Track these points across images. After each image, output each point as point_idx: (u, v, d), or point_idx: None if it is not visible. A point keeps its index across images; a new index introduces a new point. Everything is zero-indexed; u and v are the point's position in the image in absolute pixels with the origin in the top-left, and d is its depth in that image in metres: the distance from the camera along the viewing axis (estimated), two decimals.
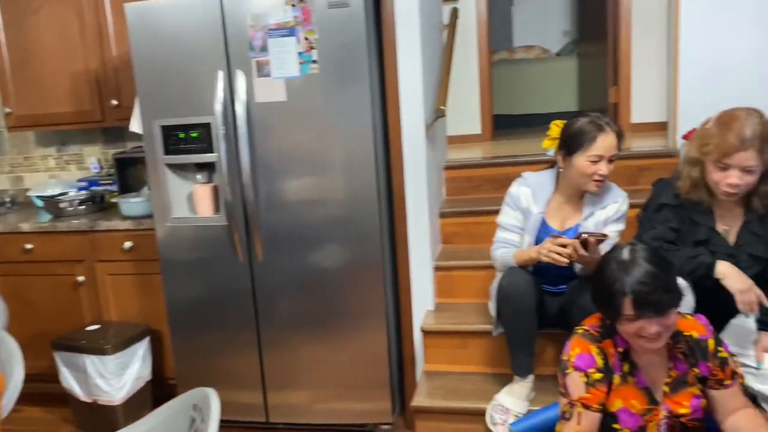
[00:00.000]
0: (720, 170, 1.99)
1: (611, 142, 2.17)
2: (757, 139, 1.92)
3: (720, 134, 1.97)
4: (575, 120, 2.24)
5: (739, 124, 1.95)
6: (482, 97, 4.31)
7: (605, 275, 1.62)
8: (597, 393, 1.66)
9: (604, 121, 2.19)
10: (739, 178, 1.96)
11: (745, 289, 1.97)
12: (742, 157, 1.94)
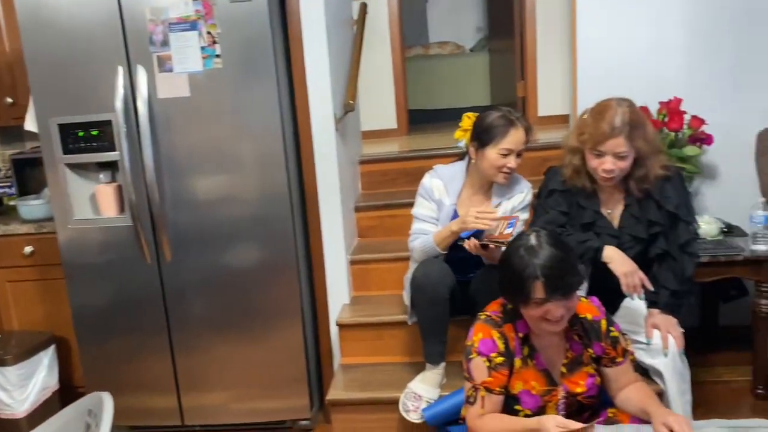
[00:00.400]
0: (596, 157, 2.11)
1: (521, 137, 2.25)
2: (627, 127, 2.05)
3: (594, 123, 2.09)
4: (488, 114, 2.30)
5: (611, 113, 2.07)
6: (397, 93, 4.35)
7: (514, 261, 1.67)
8: (499, 376, 1.72)
9: (515, 117, 2.27)
10: (612, 163, 2.08)
11: (629, 273, 2.10)
12: (614, 143, 2.06)
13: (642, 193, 2.17)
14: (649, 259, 2.20)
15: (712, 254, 2.62)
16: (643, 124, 2.12)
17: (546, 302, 1.62)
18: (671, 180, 2.16)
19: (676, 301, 2.20)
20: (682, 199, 2.17)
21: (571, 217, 2.25)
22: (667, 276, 2.18)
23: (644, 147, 2.09)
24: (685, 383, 2.19)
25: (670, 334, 2.15)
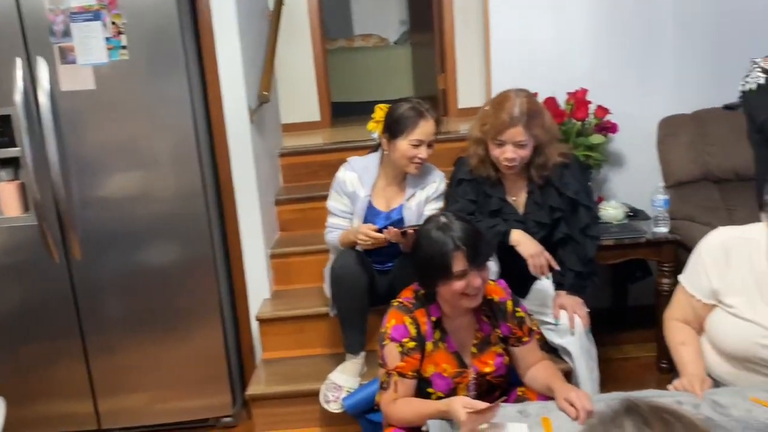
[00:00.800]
0: (497, 146, 2.19)
1: (431, 128, 2.30)
2: (525, 116, 2.14)
3: (494, 114, 2.18)
4: (398, 105, 2.34)
5: (509, 104, 2.16)
6: (319, 85, 4.34)
7: (431, 240, 1.71)
8: (411, 361, 1.76)
9: (425, 108, 2.31)
10: (513, 152, 2.17)
11: (536, 254, 2.18)
12: (513, 132, 2.15)
13: (543, 180, 2.26)
14: (554, 243, 2.30)
15: (617, 237, 2.76)
16: (541, 113, 2.21)
17: (467, 273, 1.67)
18: (569, 167, 2.26)
19: (581, 282, 2.30)
20: (581, 185, 2.27)
21: (479, 205, 2.32)
22: (570, 258, 2.28)
23: (542, 135, 2.18)
24: (592, 361, 2.30)
25: (576, 314, 2.25)
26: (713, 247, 1.81)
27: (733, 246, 1.78)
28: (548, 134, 2.22)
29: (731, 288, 1.76)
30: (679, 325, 1.89)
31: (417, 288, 1.84)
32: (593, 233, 2.31)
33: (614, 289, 3.38)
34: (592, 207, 2.31)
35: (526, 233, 2.25)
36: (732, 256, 1.77)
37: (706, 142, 3.04)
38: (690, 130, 3.08)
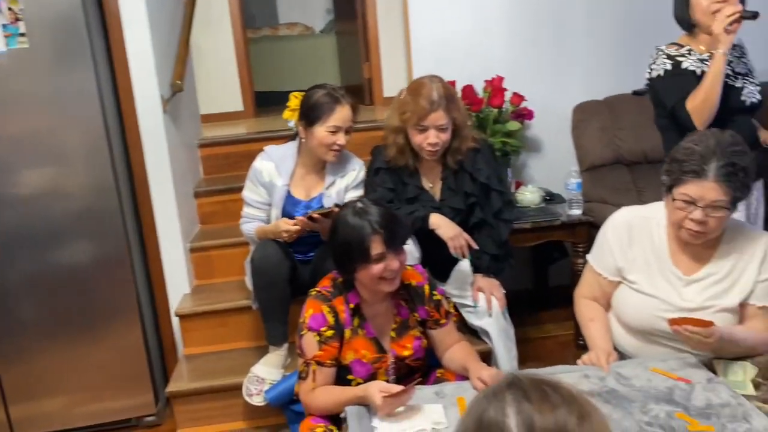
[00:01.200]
0: (420, 132, 2.21)
1: (347, 114, 2.29)
2: (444, 100, 2.18)
3: (413, 101, 2.20)
4: (313, 92, 2.32)
5: (427, 89, 2.19)
6: (241, 74, 4.25)
7: (348, 226, 1.72)
8: (329, 349, 1.76)
9: (340, 94, 2.30)
10: (436, 136, 2.20)
11: (455, 236, 2.23)
12: (435, 117, 2.18)
13: (458, 165, 2.30)
14: (470, 228, 2.35)
15: (534, 220, 2.85)
16: (455, 96, 2.27)
17: (385, 257, 1.69)
18: (481, 152, 2.31)
19: (497, 265, 2.36)
20: (493, 170, 2.33)
21: (397, 193, 2.33)
22: (486, 242, 2.34)
23: (459, 118, 2.23)
24: (510, 340, 2.37)
25: (493, 296, 2.31)
26: (617, 227, 1.89)
27: (634, 225, 1.87)
28: (463, 117, 2.27)
29: (634, 265, 1.85)
30: (588, 302, 1.97)
31: (335, 276, 1.84)
32: (506, 217, 2.37)
33: (535, 271, 3.49)
34: (505, 191, 2.36)
35: (444, 217, 2.28)
36: (634, 234, 1.86)
37: (617, 126, 3.17)
38: (602, 115, 3.20)
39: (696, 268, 1.80)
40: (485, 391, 0.81)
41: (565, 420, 0.74)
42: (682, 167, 1.66)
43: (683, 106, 2.17)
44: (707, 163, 1.63)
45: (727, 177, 1.62)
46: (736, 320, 1.78)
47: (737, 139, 1.68)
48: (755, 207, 2.39)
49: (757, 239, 1.77)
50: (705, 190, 1.64)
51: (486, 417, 0.77)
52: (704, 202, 1.65)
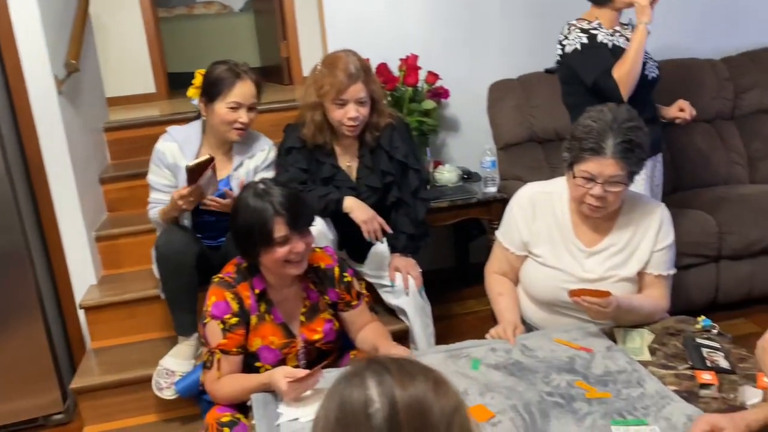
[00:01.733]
0: (339, 107, 2.16)
1: (249, 91, 2.20)
2: (361, 72, 2.14)
3: (331, 74, 2.14)
4: (214, 67, 2.23)
5: (343, 62, 2.14)
6: (152, 54, 4.07)
7: (249, 208, 1.65)
8: (234, 337, 1.71)
9: (242, 69, 2.22)
10: (356, 110, 2.16)
11: (368, 219, 2.20)
12: (354, 90, 2.13)
13: (374, 143, 2.27)
14: (387, 207, 2.33)
15: (451, 199, 2.86)
16: (371, 69, 2.23)
17: (289, 239, 1.65)
18: (397, 130, 2.29)
19: (413, 244, 2.36)
20: (409, 148, 2.31)
21: (311, 173, 2.29)
22: (403, 221, 2.33)
23: (377, 91, 2.21)
24: (427, 317, 2.38)
25: (410, 275, 2.31)
26: (521, 203, 1.92)
27: (538, 200, 1.90)
28: (380, 91, 2.25)
29: (539, 239, 1.88)
30: (497, 277, 2.00)
31: (239, 261, 1.79)
32: (423, 196, 2.36)
33: (456, 249, 3.52)
34: (421, 170, 2.36)
35: (358, 200, 2.26)
36: (537, 209, 1.89)
37: (530, 105, 3.22)
38: (516, 94, 3.24)
39: (597, 240, 1.85)
40: (343, 373, 0.81)
41: (424, 391, 0.77)
42: (582, 145, 1.70)
43: (609, 77, 2.21)
44: (605, 141, 1.67)
45: (623, 153, 1.66)
46: (636, 289, 1.85)
47: (633, 114, 1.73)
48: (657, 179, 2.48)
49: (653, 210, 1.83)
50: (603, 166, 1.68)
51: (348, 397, 0.77)
52: (603, 178, 1.69)
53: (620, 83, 2.20)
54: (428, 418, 0.76)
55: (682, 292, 2.81)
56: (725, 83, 3.35)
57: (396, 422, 0.75)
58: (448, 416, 0.77)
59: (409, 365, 0.80)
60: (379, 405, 0.75)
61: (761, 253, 2.82)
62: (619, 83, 2.20)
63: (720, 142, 3.31)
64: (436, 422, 0.76)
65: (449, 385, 0.81)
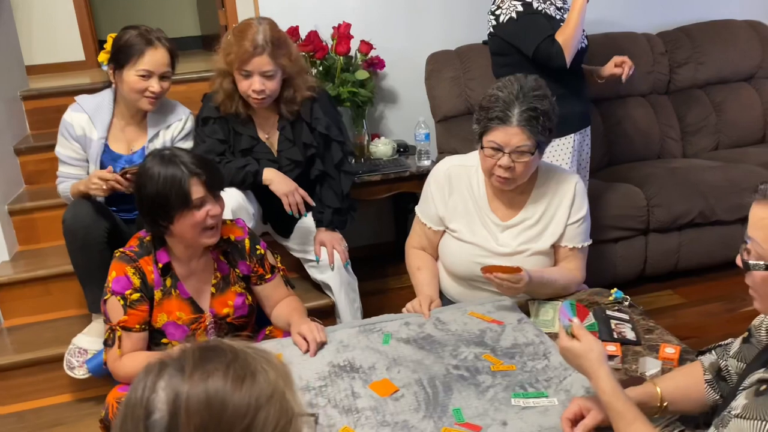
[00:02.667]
0: (244, 78, 2.08)
1: (161, 59, 2.10)
2: (270, 45, 2.04)
3: (237, 43, 2.05)
4: (124, 32, 2.12)
5: (252, 31, 2.05)
6: (80, 20, 3.87)
7: (161, 175, 1.58)
8: (136, 313, 1.64)
9: (155, 36, 2.11)
10: (261, 83, 2.07)
11: (289, 192, 2.15)
12: (258, 62, 2.04)
13: (293, 115, 2.20)
14: (311, 181, 2.28)
15: (384, 173, 2.82)
16: (286, 42, 2.13)
17: (206, 201, 1.60)
18: (319, 101, 2.22)
19: (339, 218, 2.32)
20: (332, 120, 2.25)
21: (230, 145, 2.21)
22: (327, 195, 2.28)
23: (289, 66, 2.11)
24: (353, 292, 2.35)
25: (335, 250, 2.27)
26: (438, 177, 1.89)
27: (454, 174, 1.87)
28: (296, 66, 2.14)
29: (455, 213, 1.86)
30: (416, 251, 1.97)
31: (143, 234, 1.72)
32: (348, 168, 2.31)
33: (396, 223, 3.50)
34: (345, 142, 2.30)
35: (279, 172, 2.19)
36: (454, 183, 1.86)
37: (467, 77, 3.18)
38: (454, 65, 3.19)
39: (511, 213, 1.83)
40: (149, 365, 0.75)
41: (216, 388, 0.71)
42: (488, 114, 1.67)
43: (552, 42, 2.19)
44: (510, 109, 1.64)
45: (528, 121, 1.64)
46: (551, 262, 1.84)
47: (540, 83, 1.70)
48: (586, 153, 2.48)
49: (566, 183, 1.82)
50: (509, 135, 1.65)
51: (132, 396, 0.72)
52: (510, 147, 1.67)
53: (564, 47, 2.19)
54: (218, 416, 0.70)
55: (611, 264, 2.85)
56: (660, 57, 3.37)
57: (175, 423, 0.69)
58: (249, 412, 0.70)
59: (215, 356, 0.73)
60: (160, 405, 0.70)
61: (687, 226, 2.87)
62: (563, 47, 2.19)
63: (654, 117, 3.34)
64: (229, 420, 0.70)
65: (262, 377, 0.73)
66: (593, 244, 2.73)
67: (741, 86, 3.49)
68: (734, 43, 3.44)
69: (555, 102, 1.71)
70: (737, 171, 2.96)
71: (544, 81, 1.72)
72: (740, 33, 3.48)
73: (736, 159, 3.16)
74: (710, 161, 3.18)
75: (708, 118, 3.39)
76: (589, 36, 3.32)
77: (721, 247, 2.93)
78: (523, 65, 2.25)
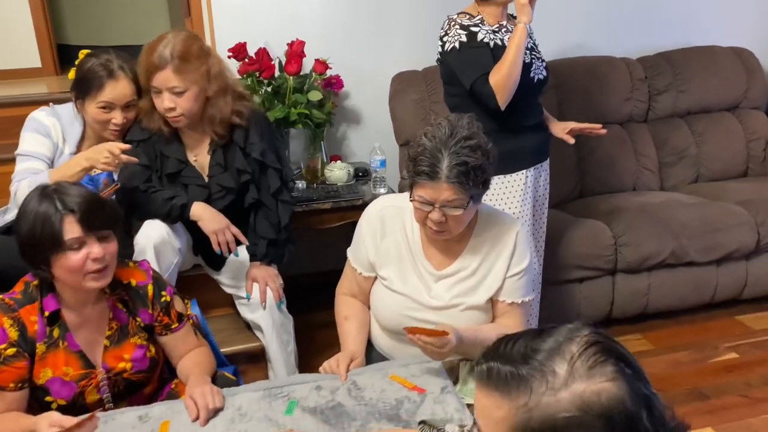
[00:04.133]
0: (155, 94, 1.93)
1: (123, 90, 1.97)
2: (176, 59, 1.88)
3: (146, 56, 1.91)
4: (87, 59, 1.99)
5: (161, 44, 1.90)
6: (37, 24, 3.70)
7: (34, 210, 1.42)
8: (11, 370, 1.46)
9: (118, 65, 1.97)
10: (170, 101, 1.91)
11: (219, 230, 1.98)
12: (162, 77, 1.89)
13: (224, 139, 2.03)
14: (245, 210, 2.11)
15: (335, 200, 2.64)
16: (200, 58, 1.94)
17: (84, 243, 1.43)
18: (255, 125, 2.05)
19: (275, 251, 2.14)
20: (269, 145, 2.07)
21: (156, 169, 2.04)
22: (262, 225, 2.11)
23: (206, 83, 1.94)
24: (287, 334, 2.17)
25: (269, 287, 2.09)
26: (371, 218, 1.72)
27: (388, 215, 1.70)
28: (216, 83, 1.96)
29: (386, 259, 1.68)
30: (346, 299, 1.80)
31: (30, 279, 1.54)
32: (286, 198, 2.14)
33: None
34: (283, 169, 2.12)
35: (208, 206, 2.02)
36: (387, 226, 1.69)
37: (432, 100, 3.00)
38: (420, 87, 3.02)
39: (447, 262, 1.66)
40: None
41: None
42: (415, 167, 1.50)
43: (485, 81, 2.01)
44: (438, 163, 1.47)
45: (458, 177, 1.47)
46: (488, 317, 1.67)
47: (473, 129, 1.53)
48: (543, 188, 2.30)
49: (508, 231, 1.64)
50: (438, 191, 1.48)
51: None
52: (440, 202, 1.49)
53: (496, 90, 2.00)
54: None
55: (575, 306, 2.68)
56: (639, 84, 3.20)
57: None
58: None
59: None
60: None
61: (658, 266, 2.69)
62: (495, 90, 2.00)
63: (631, 146, 3.17)
64: None
65: None
66: (555, 284, 2.62)
67: (724, 116, 3.32)
68: (718, 71, 3.27)
69: (491, 149, 1.54)
70: (713, 209, 2.79)
71: (479, 124, 1.55)
72: (724, 60, 3.31)
73: (715, 194, 2.99)
74: (687, 195, 3.01)
75: (688, 149, 3.22)
76: (565, 59, 3.20)
77: (694, 290, 2.77)
78: (470, 97, 2.09)
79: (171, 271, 2.01)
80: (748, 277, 2.81)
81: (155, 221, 1.98)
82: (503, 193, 2.12)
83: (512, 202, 2.15)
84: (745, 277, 2.81)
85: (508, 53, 2.00)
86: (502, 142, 2.07)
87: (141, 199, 1.99)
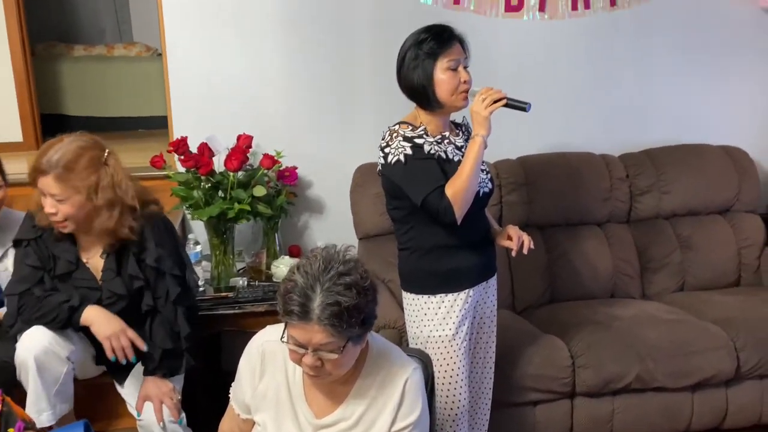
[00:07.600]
0: (42, 196, 1.87)
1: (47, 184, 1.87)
2: (61, 168, 1.81)
3: (38, 155, 1.86)
4: None
5: (54, 148, 1.85)
6: (20, 96, 3.75)
7: None
8: None
9: None
10: (52, 206, 1.85)
11: (114, 335, 1.87)
12: (44, 182, 1.84)
13: (114, 246, 1.94)
14: (142, 317, 1.98)
15: (271, 302, 2.50)
16: (90, 169, 1.86)
17: None
18: (152, 230, 1.95)
19: (172, 363, 1.99)
20: (166, 250, 1.97)
21: (49, 269, 1.95)
22: (158, 333, 1.97)
23: (93, 195, 1.86)
24: None
25: (164, 404, 1.94)
26: (251, 354, 1.55)
27: (268, 351, 1.53)
28: (104, 196, 1.87)
29: (263, 402, 1.51)
30: None
31: None
32: (187, 304, 2.01)
33: None
34: (182, 274, 2.01)
35: (103, 310, 1.91)
36: (267, 363, 1.53)
37: None
38: (379, 180, 2.90)
39: (330, 408, 1.48)
40: None
41: None
42: (285, 306, 1.35)
43: (440, 195, 1.85)
44: (309, 302, 1.32)
45: (330, 319, 1.31)
46: None
47: (351, 265, 1.37)
48: (491, 309, 2.10)
49: (396, 376, 1.46)
50: (310, 333, 1.32)
51: None
52: (313, 345, 1.33)
53: (454, 203, 1.84)
54: None
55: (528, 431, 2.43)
56: (619, 183, 3.01)
57: None
58: None
59: None
60: None
61: (623, 391, 2.44)
62: (453, 202, 1.85)
63: (608, 250, 2.95)
64: None
65: None
66: (506, 406, 2.37)
67: (713, 220, 3.09)
68: (706, 171, 3.07)
69: (370, 285, 1.38)
70: (687, 329, 2.54)
71: (357, 257, 1.40)
72: (714, 159, 3.10)
73: (696, 308, 2.73)
74: (667, 307, 2.75)
75: (672, 254, 2.99)
76: (539, 155, 3.04)
77: (666, 418, 2.49)
78: (416, 212, 1.94)
79: (62, 381, 1.89)
80: (729, 406, 2.52)
81: (37, 330, 1.88)
82: (441, 314, 1.95)
83: (448, 324, 1.97)
84: (725, 407, 2.52)
85: (464, 166, 1.86)
86: (445, 260, 1.95)
87: (32, 303, 1.90)
